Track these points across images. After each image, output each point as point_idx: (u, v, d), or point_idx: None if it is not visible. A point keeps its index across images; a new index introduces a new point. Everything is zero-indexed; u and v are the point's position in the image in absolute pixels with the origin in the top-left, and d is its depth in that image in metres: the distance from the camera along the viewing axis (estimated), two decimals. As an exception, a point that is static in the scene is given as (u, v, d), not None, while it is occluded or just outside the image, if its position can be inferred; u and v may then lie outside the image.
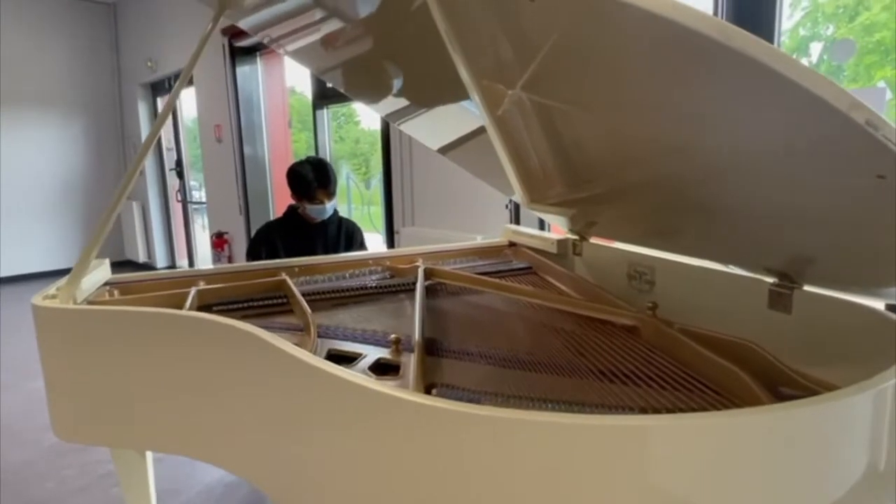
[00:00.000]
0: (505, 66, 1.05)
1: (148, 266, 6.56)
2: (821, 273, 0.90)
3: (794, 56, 2.00)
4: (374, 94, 1.59)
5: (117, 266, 6.42)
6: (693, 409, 0.77)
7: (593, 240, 1.49)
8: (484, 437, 0.59)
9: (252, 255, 2.32)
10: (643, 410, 0.76)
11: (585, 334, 1.08)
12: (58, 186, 6.36)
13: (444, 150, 1.60)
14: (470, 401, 0.77)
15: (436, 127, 1.57)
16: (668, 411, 0.75)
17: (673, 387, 0.83)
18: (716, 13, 1.88)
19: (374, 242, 3.85)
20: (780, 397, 0.79)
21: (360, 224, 2.52)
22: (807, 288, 0.94)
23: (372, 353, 1.01)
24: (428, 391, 0.82)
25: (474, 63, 1.09)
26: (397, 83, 1.48)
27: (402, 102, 1.51)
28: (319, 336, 1.11)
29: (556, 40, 0.83)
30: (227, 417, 0.96)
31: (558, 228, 1.66)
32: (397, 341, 1.02)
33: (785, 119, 0.60)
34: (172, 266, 6.57)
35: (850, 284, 0.87)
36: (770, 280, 0.98)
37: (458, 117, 1.43)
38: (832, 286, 0.89)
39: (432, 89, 1.41)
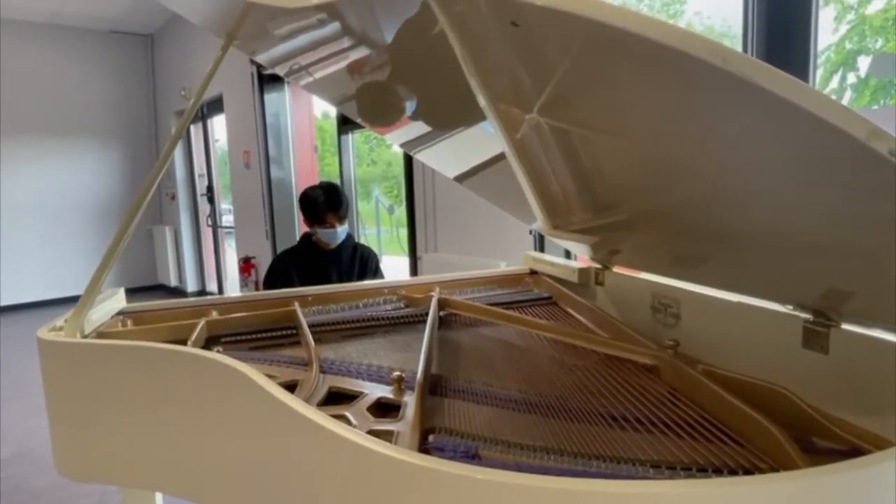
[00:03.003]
0: (521, 90, 1.04)
1: (179, 290, 6.71)
2: (860, 310, 0.84)
3: (841, 71, 1.94)
4: (390, 122, 1.58)
5: (149, 290, 6.58)
6: (713, 465, 0.70)
7: (617, 269, 1.45)
8: (477, 500, 0.55)
9: (269, 285, 2.34)
10: (656, 466, 0.70)
11: (601, 373, 1.03)
12: (96, 212, 6.61)
13: (461, 179, 1.58)
14: (467, 449, 0.74)
15: (452, 155, 1.56)
16: (685, 468, 0.70)
17: (692, 436, 0.78)
18: (746, 26, 1.83)
19: (400, 266, 3.85)
20: (813, 450, 0.72)
21: (387, 247, 2.52)
22: (845, 326, 0.87)
23: (373, 392, 0.98)
24: (425, 437, 0.78)
25: (491, 87, 1.08)
26: (414, 110, 1.47)
27: (419, 130, 1.50)
28: (322, 371, 1.08)
29: (569, 65, 0.81)
30: (226, 462, 0.94)
31: (584, 258, 1.62)
32: (399, 380, 0.98)
33: (803, 147, 0.56)
34: (203, 290, 6.71)
35: (893, 323, 0.80)
36: (805, 317, 0.92)
37: (475, 144, 1.42)
38: (873, 325, 0.83)
39: (449, 115, 1.41)
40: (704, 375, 0.91)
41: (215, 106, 5.56)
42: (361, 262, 2.40)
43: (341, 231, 2.29)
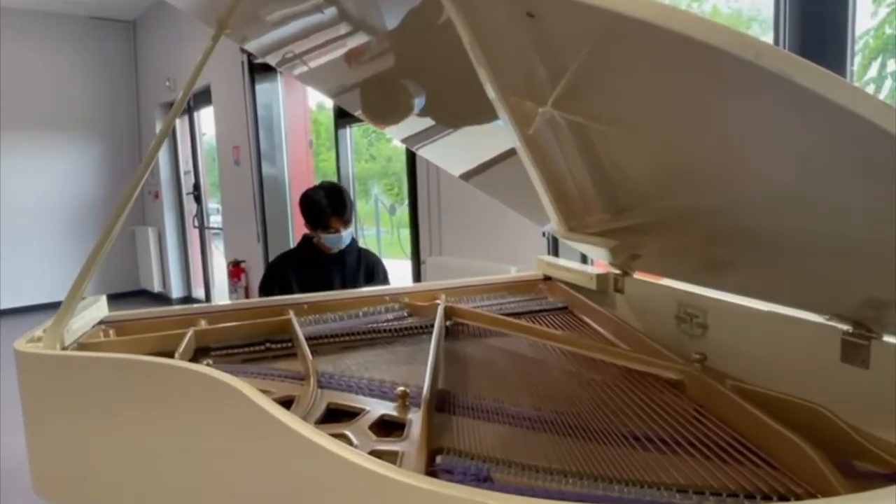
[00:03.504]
0: (534, 82, 1.04)
1: (162, 296, 6.74)
2: (903, 321, 0.83)
3: (880, 58, 1.93)
4: (391, 116, 1.59)
5: (131, 296, 6.60)
6: (745, 490, 0.71)
7: (637, 275, 1.45)
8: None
9: (265, 291, 2.34)
10: (682, 491, 0.70)
11: (621, 389, 1.03)
12: (74, 213, 6.64)
13: (467, 177, 1.58)
14: (478, 472, 0.74)
15: (458, 150, 1.57)
16: (714, 493, 0.70)
17: (720, 458, 0.78)
18: (777, 10, 1.83)
19: (402, 271, 3.86)
20: (852, 474, 0.72)
21: (387, 250, 2.53)
22: (888, 338, 0.87)
23: (376, 408, 0.99)
24: (432, 458, 0.79)
25: (501, 78, 1.08)
26: (417, 102, 1.48)
27: (422, 124, 1.50)
28: (320, 386, 1.09)
29: (588, 58, 0.82)
30: (217, 483, 0.95)
31: (602, 263, 1.62)
32: (404, 395, 0.99)
33: (841, 146, 0.56)
34: (188, 296, 6.73)
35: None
36: (843, 328, 0.92)
37: (483, 139, 1.42)
38: (918, 337, 0.82)
39: (455, 108, 1.41)
40: (734, 392, 0.90)
41: (202, 97, 5.59)
42: (367, 270, 2.40)
43: (346, 235, 2.29)
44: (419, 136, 1.58)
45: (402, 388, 1.00)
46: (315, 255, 2.35)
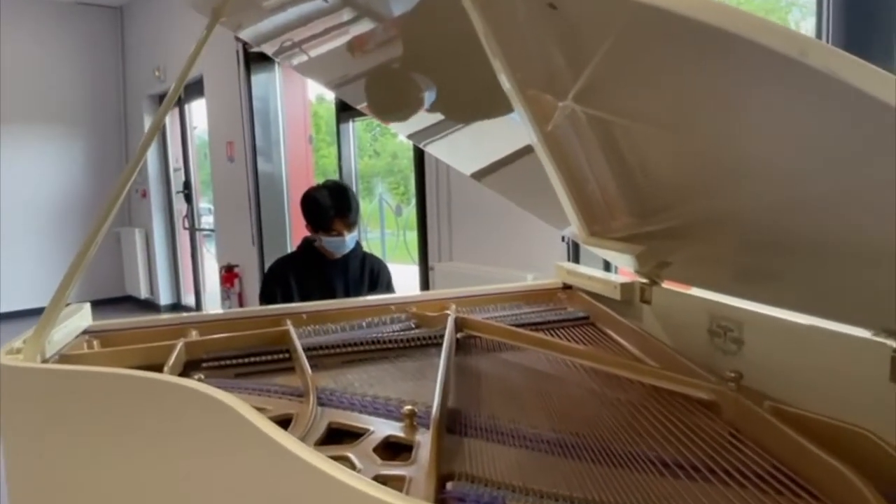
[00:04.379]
0: (554, 74, 1.05)
1: (150, 303, 6.79)
2: (960, 338, 0.83)
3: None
4: (396, 110, 1.60)
5: (116, 303, 6.63)
6: (784, 522, 0.70)
7: (666, 284, 1.44)
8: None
9: (266, 297, 2.35)
10: (715, 522, 0.70)
11: (648, 409, 1.03)
12: (55, 212, 6.69)
13: (479, 176, 1.59)
14: (492, 500, 0.74)
15: (469, 147, 1.57)
16: (749, 525, 0.70)
17: (757, 486, 0.78)
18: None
19: (408, 277, 3.87)
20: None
21: (392, 254, 2.55)
22: (941, 357, 0.86)
23: (381, 429, 0.99)
24: (442, 484, 0.79)
25: (518, 71, 1.09)
26: (425, 96, 1.49)
27: (430, 118, 1.51)
28: (321, 403, 1.10)
29: (614, 51, 0.82)
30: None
31: (626, 271, 1.62)
32: (412, 415, 0.99)
33: (889, 147, 0.56)
34: (178, 303, 6.78)
35: None
36: (893, 345, 0.91)
37: (497, 136, 1.43)
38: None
39: (467, 102, 1.42)
40: (772, 414, 0.90)
41: (194, 89, 5.64)
42: (372, 276, 2.42)
43: (350, 239, 2.30)
44: (427, 132, 1.58)
45: (409, 407, 1.00)
46: (316, 259, 2.37)
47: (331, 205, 2.25)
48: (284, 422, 1.02)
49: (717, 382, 1.04)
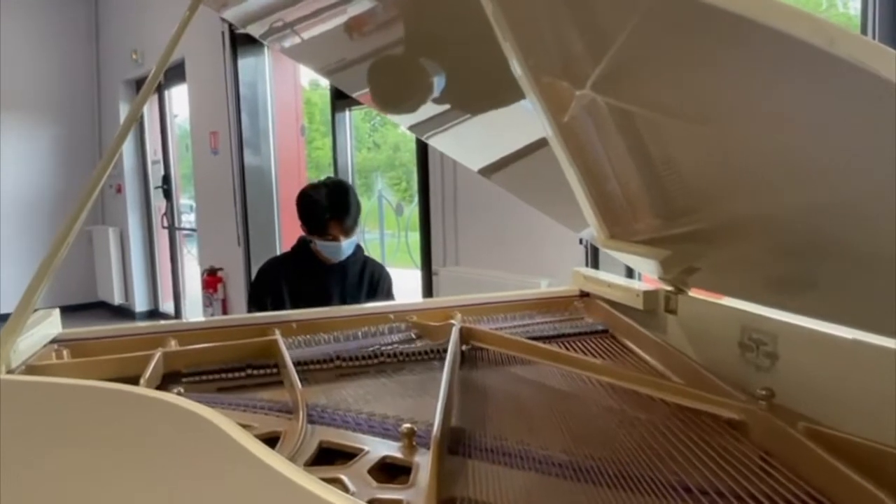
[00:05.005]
0: (571, 59, 1.05)
1: (124, 310, 6.82)
2: None
3: None
4: (397, 98, 1.61)
5: (87, 309, 6.63)
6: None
7: (693, 293, 1.45)
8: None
9: (256, 302, 2.36)
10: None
11: (672, 430, 1.03)
12: (21, 209, 6.72)
13: (488, 172, 1.60)
14: (498, 527, 0.75)
15: (477, 140, 1.58)
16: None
17: (791, 516, 0.78)
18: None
19: (410, 283, 3.88)
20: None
21: (393, 257, 2.57)
22: None
23: (377, 449, 1.00)
24: (443, 510, 0.80)
25: (531, 55, 1.09)
26: (429, 83, 1.49)
27: (434, 109, 1.52)
28: (311, 421, 1.11)
29: (637, 35, 0.83)
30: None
31: (650, 277, 1.62)
32: (410, 434, 1.00)
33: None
34: (155, 310, 6.81)
35: None
36: (942, 360, 0.91)
37: (507, 128, 1.43)
38: None
39: (475, 90, 1.43)
40: (807, 436, 0.90)
41: (175, 73, 5.67)
42: (371, 283, 2.42)
43: (347, 245, 2.30)
44: (430, 123, 1.59)
45: (408, 426, 1.01)
46: (311, 262, 2.37)
47: (327, 206, 2.25)
48: (271, 440, 1.04)
49: (746, 401, 1.04)
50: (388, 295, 2.47)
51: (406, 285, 4.38)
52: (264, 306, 2.28)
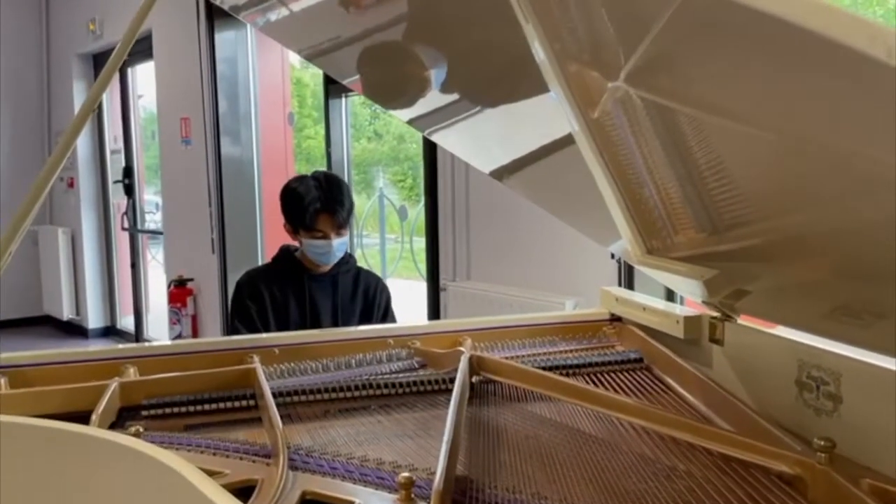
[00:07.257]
0: (603, 45, 1.06)
1: (74, 326, 6.83)
2: None
3: None
4: (398, 87, 1.62)
5: (29, 325, 6.63)
6: None
7: (743, 320, 1.45)
8: None
9: (241, 317, 2.35)
10: None
11: (714, 484, 1.04)
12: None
13: (501, 174, 1.60)
14: None
15: (489, 137, 1.58)
16: None
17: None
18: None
19: (415, 299, 3.87)
20: None
21: (396, 267, 2.57)
22: None
23: (369, 501, 1.02)
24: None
25: (557, 39, 1.10)
26: (436, 70, 1.50)
27: (440, 99, 1.53)
28: (293, 467, 1.12)
29: (675, 28, 0.83)
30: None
31: (693, 301, 1.63)
32: (409, 484, 1.01)
33: None
34: (112, 327, 6.82)
35: None
36: None
37: (525, 124, 1.44)
38: None
39: (489, 78, 1.43)
40: (871, 494, 0.91)
41: (140, 48, 5.63)
42: (366, 297, 2.42)
43: (338, 245, 2.31)
44: (434, 116, 1.60)
45: (406, 475, 1.01)
46: (296, 273, 2.38)
47: (316, 196, 2.25)
48: (246, 490, 1.04)
49: (803, 452, 1.05)
50: (388, 311, 2.48)
51: (410, 299, 4.36)
52: (252, 322, 2.28)
